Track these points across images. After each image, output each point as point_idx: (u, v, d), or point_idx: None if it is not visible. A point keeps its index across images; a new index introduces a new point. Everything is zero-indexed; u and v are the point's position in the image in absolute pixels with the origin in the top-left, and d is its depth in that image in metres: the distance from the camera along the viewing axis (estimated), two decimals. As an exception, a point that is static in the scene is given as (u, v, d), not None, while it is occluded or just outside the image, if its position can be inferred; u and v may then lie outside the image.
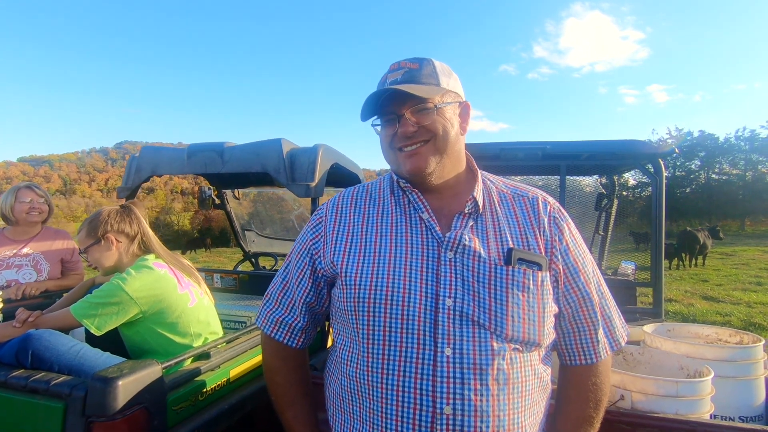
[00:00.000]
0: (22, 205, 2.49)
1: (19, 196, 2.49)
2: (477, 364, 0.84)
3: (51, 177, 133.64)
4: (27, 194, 2.52)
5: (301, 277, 1.02)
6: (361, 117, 0.97)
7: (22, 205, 2.49)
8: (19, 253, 2.49)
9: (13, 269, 2.44)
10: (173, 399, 1.34)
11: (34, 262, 2.53)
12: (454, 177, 0.99)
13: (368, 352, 0.89)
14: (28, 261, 2.50)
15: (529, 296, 0.88)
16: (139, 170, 2.70)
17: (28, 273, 2.48)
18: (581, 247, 0.98)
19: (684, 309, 7.00)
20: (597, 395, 0.97)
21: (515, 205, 0.99)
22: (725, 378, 1.39)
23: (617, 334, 0.99)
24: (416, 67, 0.95)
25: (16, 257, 2.47)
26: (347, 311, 0.93)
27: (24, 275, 2.47)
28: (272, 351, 1.06)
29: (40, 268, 2.54)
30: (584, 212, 3.39)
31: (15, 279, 2.43)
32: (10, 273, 2.43)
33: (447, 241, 0.91)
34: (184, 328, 1.63)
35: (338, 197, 1.08)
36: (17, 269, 2.46)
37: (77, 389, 1.19)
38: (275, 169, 2.40)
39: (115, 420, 1.16)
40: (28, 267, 2.50)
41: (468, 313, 0.86)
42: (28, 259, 2.51)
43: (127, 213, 1.75)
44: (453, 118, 0.96)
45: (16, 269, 2.45)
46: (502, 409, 0.84)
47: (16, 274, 2.45)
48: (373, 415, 0.88)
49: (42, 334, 1.41)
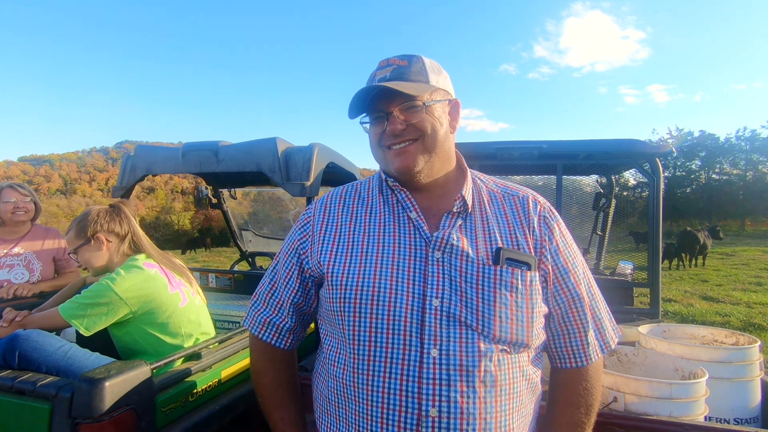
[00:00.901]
0: (7, 205, 2.47)
1: (2, 197, 2.47)
2: (464, 365, 0.83)
3: (51, 176, 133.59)
4: (11, 194, 2.49)
5: (289, 278, 1.01)
6: (349, 114, 0.96)
7: (7, 205, 2.47)
8: (10, 252, 2.47)
9: (5, 269, 2.43)
10: (162, 400, 1.32)
11: (26, 262, 2.51)
12: (443, 176, 0.98)
13: (354, 354, 0.88)
14: (19, 261, 2.49)
15: (518, 296, 0.87)
16: (134, 169, 2.69)
17: (20, 273, 2.47)
18: (572, 247, 0.97)
19: (683, 309, 6.98)
20: (588, 400, 0.95)
21: (505, 205, 0.98)
22: (720, 379, 1.37)
23: (608, 337, 0.97)
24: (405, 64, 0.93)
25: (8, 257, 2.46)
26: (333, 312, 0.92)
27: (16, 275, 2.45)
28: (260, 352, 1.05)
29: (32, 267, 2.53)
30: (582, 212, 3.38)
31: (7, 279, 2.42)
32: (3, 273, 2.42)
33: (435, 240, 0.90)
34: (175, 329, 1.62)
35: (327, 196, 1.06)
36: (9, 269, 2.45)
37: (64, 390, 1.18)
38: (270, 168, 2.39)
39: (102, 421, 1.15)
40: (20, 267, 2.48)
41: (455, 313, 0.85)
42: (20, 258, 2.50)
43: (117, 212, 1.74)
44: (442, 117, 0.95)
45: (8, 269, 2.44)
46: (489, 412, 0.83)
47: (8, 274, 2.43)
48: (359, 418, 0.87)
49: (29, 335, 1.40)
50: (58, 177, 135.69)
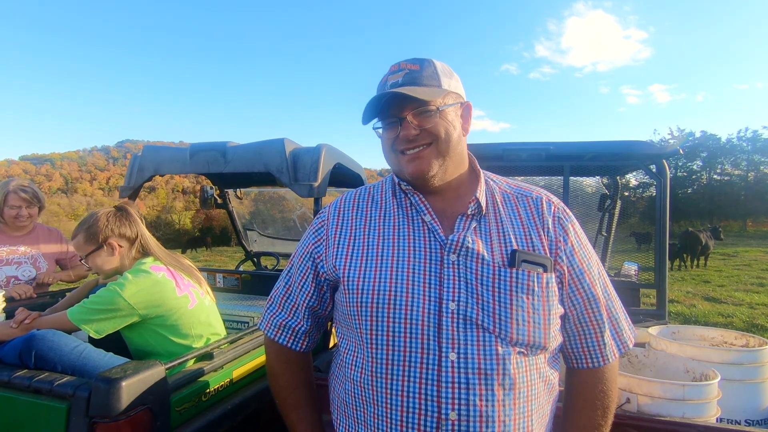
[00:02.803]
0: (12, 211, 2.46)
1: (8, 200, 2.45)
2: (482, 368, 0.83)
3: (53, 175, 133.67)
4: (17, 201, 2.46)
5: (304, 281, 1.01)
6: (363, 120, 0.96)
7: (12, 211, 2.46)
8: (17, 250, 2.49)
9: (12, 266, 2.45)
10: (177, 399, 1.33)
11: (33, 260, 2.54)
12: (456, 178, 0.98)
13: (372, 357, 0.88)
14: (26, 258, 2.51)
15: (534, 299, 0.87)
16: (141, 170, 2.70)
17: (27, 270, 2.49)
18: (587, 247, 0.97)
19: (686, 310, 6.98)
20: (605, 402, 0.95)
21: (519, 206, 0.98)
22: (732, 381, 1.38)
23: (624, 336, 0.97)
24: (417, 69, 0.93)
25: (15, 254, 2.48)
26: (350, 316, 0.92)
27: (23, 272, 2.48)
28: (276, 354, 1.06)
29: (38, 265, 2.55)
30: (587, 213, 3.38)
31: (14, 275, 2.44)
32: (11, 269, 2.44)
33: (450, 243, 0.90)
34: (186, 330, 1.63)
35: (340, 200, 1.07)
36: (17, 266, 2.47)
37: (81, 390, 1.19)
38: (278, 169, 2.39)
39: (118, 421, 1.16)
40: (27, 264, 2.51)
41: (472, 316, 0.85)
42: (27, 257, 2.52)
43: (125, 216, 1.72)
44: (455, 120, 0.95)
45: (15, 266, 2.46)
46: (507, 414, 0.83)
47: (15, 270, 2.46)
48: (378, 421, 0.87)
49: (45, 335, 1.41)
50: (60, 176, 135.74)
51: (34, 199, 2.53)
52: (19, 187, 2.49)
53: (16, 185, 2.49)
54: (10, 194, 2.45)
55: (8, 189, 2.45)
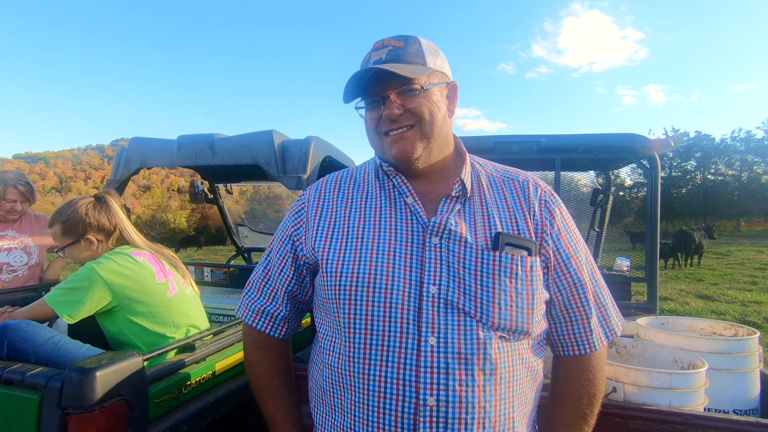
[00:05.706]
0: (6, 204, 2.47)
1: (7, 194, 2.45)
2: (462, 353, 0.81)
3: (47, 174, 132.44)
4: (15, 195, 2.48)
5: (283, 265, 0.98)
6: (344, 99, 0.93)
7: (6, 204, 2.47)
8: (7, 236, 2.50)
9: (3, 252, 2.45)
10: (155, 391, 1.30)
11: (23, 246, 2.54)
12: (441, 161, 0.95)
13: (350, 342, 0.86)
14: (17, 244, 2.51)
15: (518, 282, 0.85)
16: (128, 162, 2.66)
17: (18, 256, 2.51)
18: (574, 232, 0.95)
19: (679, 307, 7.02)
20: (591, 390, 0.93)
21: (505, 189, 0.95)
22: (720, 371, 1.36)
23: (612, 324, 0.95)
24: (401, 46, 0.90)
25: (5, 240, 2.48)
26: (329, 299, 0.90)
27: (15, 258, 2.49)
28: (253, 341, 1.03)
29: (29, 251, 2.56)
30: (579, 208, 3.37)
31: (6, 262, 2.45)
32: (2, 256, 2.44)
33: (432, 225, 0.87)
34: (162, 318, 1.58)
35: (321, 182, 1.04)
36: (8, 252, 2.48)
37: (53, 380, 1.15)
38: (266, 161, 2.36)
39: (92, 412, 1.12)
40: (18, 250, 2.51)
41: (453, 300, 0.83)
42: (17, 242, 2.52)
43: (104, 207, 1.67)
44: (440, 101, 0.92)
45: (6, 252, 2.47)
46: (488, 400, 0.81)
47: (7, 257, 2.47)
48: (355, 407, 0.85)
49: (18, 325, 1.37)
50: (54, 175, 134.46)
51: (30, 196, 2.57)
52: (20, 181, 2.50)
53: (16, 179, 2.50)
54: (9, 188, 2.46)
55: (7, 182, 2.46)
